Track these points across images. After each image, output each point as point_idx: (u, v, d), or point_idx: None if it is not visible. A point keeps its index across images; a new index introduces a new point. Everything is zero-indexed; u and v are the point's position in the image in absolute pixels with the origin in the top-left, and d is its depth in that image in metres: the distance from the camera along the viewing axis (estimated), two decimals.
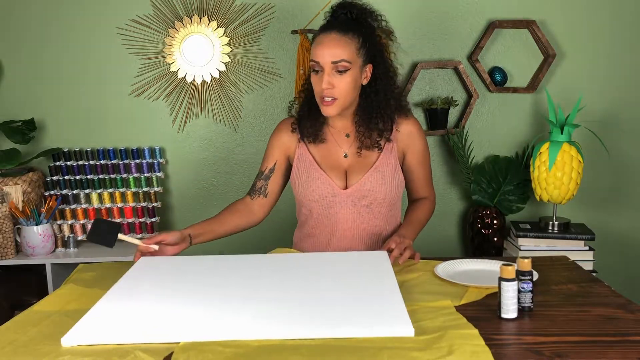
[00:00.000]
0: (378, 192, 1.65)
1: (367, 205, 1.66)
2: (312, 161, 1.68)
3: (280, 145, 1.74)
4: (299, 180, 1.69)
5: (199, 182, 2.62)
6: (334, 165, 1.68)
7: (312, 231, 1.72)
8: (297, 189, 1.71)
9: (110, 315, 1.20)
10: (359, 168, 1.67)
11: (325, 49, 1.55)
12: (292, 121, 1.74)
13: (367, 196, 1.65)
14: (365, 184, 1.65)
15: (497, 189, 2.52)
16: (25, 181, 2.37)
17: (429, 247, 2.53)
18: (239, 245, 2.63)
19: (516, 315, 1.18)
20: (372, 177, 1.65)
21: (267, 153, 1.76)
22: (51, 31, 2.51)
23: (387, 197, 1.67)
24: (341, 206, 1.66)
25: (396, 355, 1.01)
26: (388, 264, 1.43)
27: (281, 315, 1.17)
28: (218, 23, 2.49)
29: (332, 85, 1.56)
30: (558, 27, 2.50)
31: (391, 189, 1.67)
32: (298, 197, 1.72)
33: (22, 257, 2.32)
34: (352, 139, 1.70)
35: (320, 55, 1.55)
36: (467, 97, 2.56)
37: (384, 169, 1.66)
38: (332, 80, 1.55)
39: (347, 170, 1.68)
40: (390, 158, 1.68)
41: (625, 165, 2.59)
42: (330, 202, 1.66)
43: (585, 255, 2.32)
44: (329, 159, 1.69)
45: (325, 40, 1.56)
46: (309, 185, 1.66)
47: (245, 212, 1.73)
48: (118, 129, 2.56)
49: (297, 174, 1.70)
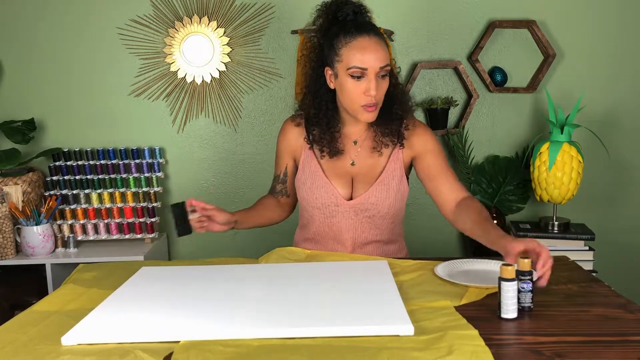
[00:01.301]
0: (382, 205, 1.62)
1: (370, 217, 1.64)
2: (318, 167, 1.65)
3: (288, 147, 1.72)
4: (303, 186, 1.67)
5: (199, 182, 2.62)
6: (340, 174, 1.65)
7: (313, 237, 1.71)
8: (300, 193, 1.69)
9: (110, 316, 1.20)
10: (365, 178, 1.64)
11: (372, 53, 1.48)
12: (297, 121, 1.70)
13: (370, 209, 1.63)
14: (370, 197, 1.61)
15: (497, 189, 2.52)
16: (25, 181, 2.37)
17: (429, 247, 2.53)
18: (238, 241, 2.63)
19: (516, 315, 1.18)
20: (377, 191, 1.62)
21: (277, 157, 1.76)
22: (51, 31, 2.51)
23: (390, 210, 1.64)
24: (343, 216, 1.64)
25: (396, 355, 1.01)
26: (387, 270, 1.43)
27: (281, 315, 1.17)
28: (218, 23, 2.49)
29: (377, 91, 1.51)
30: (558, 27, 2.50)
31: (395, 202, 1.64)
32: (301, 200, 1.71)
33: (22, 257, 2.32)
34: (360, 146, 1.66)
35: (368, 60, 1.48)
36: (467, 97, 2.56)
37: (389, 182, 1.63)
38: (376, 85, 1.50)
39: (353, 179, 1.65)
40: (396, 168, 1.64)
41: (625, 165, 2.59)
42: (332, 211, 1.64)
43: (585, 255, 2.32)
44: (336, 167, 1.65)
45: (369, 45, 1.49)
46: (313, 192, 1.64)
47: (276, 209, 1.77)
48: (118, 129, 2.56)
49: (302, 178, 1.68)
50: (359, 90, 1.51)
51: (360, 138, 1.66)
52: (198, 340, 1.08)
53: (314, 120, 1.63)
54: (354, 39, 1.50)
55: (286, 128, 1.72)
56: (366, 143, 1.65)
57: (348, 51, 1.50)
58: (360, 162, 1.65)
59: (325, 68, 1.57)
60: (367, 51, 1.48)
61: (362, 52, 1.48)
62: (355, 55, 1.48)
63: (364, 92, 1.51)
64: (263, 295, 1.28)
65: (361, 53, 1.48)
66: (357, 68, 1.48)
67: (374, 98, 1.51)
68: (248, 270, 1.48)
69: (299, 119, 1.70)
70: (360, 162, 1.65)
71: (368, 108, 1.52)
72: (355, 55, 1.48)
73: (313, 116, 1.63)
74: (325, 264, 1.54)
